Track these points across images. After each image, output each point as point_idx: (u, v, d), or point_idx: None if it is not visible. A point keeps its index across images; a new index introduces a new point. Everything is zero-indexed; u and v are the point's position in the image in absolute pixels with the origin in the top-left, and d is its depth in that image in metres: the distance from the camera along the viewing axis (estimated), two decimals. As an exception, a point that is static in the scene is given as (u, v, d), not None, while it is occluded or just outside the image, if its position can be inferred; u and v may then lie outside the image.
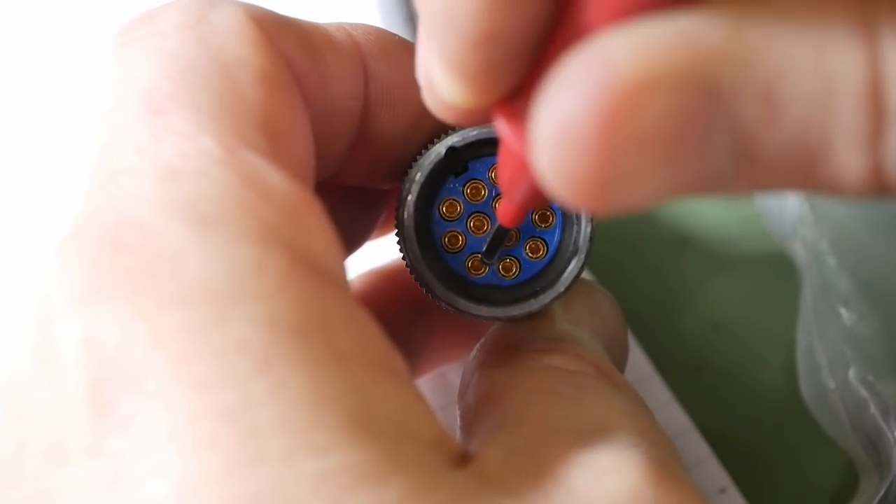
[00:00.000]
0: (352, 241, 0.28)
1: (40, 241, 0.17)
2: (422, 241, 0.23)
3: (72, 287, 0.16)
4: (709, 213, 0.38)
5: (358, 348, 0.17)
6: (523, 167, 0.17)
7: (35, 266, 0.17)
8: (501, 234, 0.23)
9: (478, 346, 0.24)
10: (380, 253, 0.31)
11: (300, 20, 0.21)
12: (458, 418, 0.22)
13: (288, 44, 0.20)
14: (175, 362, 0.15)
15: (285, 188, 0.17)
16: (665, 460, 0.18)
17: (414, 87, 0.23)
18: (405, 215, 0.23)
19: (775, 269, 0.36)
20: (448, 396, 0.33)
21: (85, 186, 0.17)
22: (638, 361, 0.34)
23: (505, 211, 0.21)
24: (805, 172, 0.14)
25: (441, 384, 0.33)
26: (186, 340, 0.16)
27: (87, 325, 0.16)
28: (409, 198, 0.23)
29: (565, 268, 0.23)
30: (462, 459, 0.17)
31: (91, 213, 0.17)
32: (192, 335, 0.16)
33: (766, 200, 0.36)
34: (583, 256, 0.23)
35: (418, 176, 0.23)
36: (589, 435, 0.18)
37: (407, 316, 0.30)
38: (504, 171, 0.19)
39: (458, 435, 0.22)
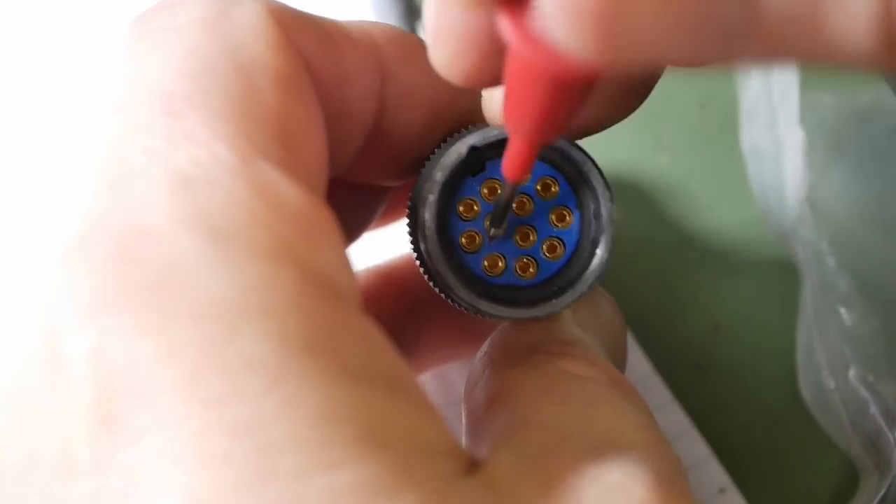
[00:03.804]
0: (350, 233, 0.28)
1: (48, 243, 0.17)
2: (441, 242, 0.22)
3: (80, 298, 0.16)
4: (709, 214, 0.38)
5: (368, 363, 0.17)
6: (531, 76, 0.16)
7: (42, 272, 0.17)
8: (509, 196, 0.22)
9: (488, 342, 0.23)
10: (376, 245, 0.31)
11: (320, 17, 0.21)
12: (465, 416, 0.22)
13: (307, 42, 0.20)
14: (185, 377, 0.15)
15: (298, 201, 0.17)
16: (672, 476, 0.18)
17: (431, 88, 0.23)
18: (426, 215, 0.22)
19: (775, 270, 0.36)
20: (449, 397, 0.33)
21: (95, 186, 0.17)
22: (638, 361, 0.34)
23: (511, 155, 0.19)
24: (812, 24, 0.13)
25: (443, 384, 0.33)
26: (197, 356, 0.15)
27: (95, 338, 0.16)
28: (431, 197, 0.22)
29: (587, 266, 0.22)
30: (472, 466, 0.17)
31: (100, 216, 0.17)
32: (202, 351, 0.15)
33: (766, 200, 0.36)
34: (605, 256, 0.22)
35: (439, 175, 0.22)
36: (599, 447, 0.18)
37: (398, 315, 0.30)
38: (511, 93, 0.17)
39: (463, 434, 0.22)
